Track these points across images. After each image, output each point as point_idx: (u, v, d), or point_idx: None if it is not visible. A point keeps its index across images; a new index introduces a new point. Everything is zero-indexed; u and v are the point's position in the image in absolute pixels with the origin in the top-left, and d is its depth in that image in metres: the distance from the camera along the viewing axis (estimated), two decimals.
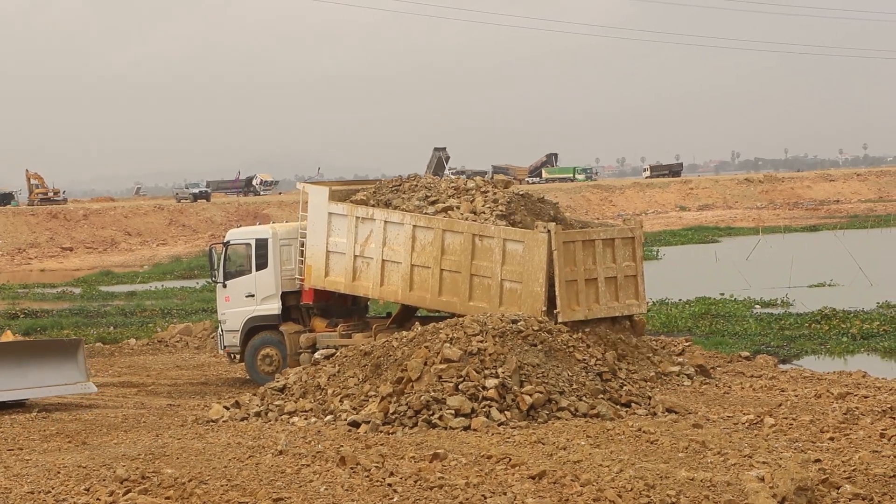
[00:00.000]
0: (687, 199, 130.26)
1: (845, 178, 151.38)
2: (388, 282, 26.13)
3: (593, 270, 24.50)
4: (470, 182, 26.83)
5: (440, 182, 27.16)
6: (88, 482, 15.29)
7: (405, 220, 25.71)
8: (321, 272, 27.01)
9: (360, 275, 26.54)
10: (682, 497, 13.86)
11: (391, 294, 26.29)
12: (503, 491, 14.20)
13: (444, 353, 19.55)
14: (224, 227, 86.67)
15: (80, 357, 24.09)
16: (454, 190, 26.46)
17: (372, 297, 27.51)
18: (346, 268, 26.67)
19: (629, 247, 25.40)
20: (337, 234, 26.80)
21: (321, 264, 26.99)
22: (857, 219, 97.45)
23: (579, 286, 24.23)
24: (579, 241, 24.43)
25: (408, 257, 25.67)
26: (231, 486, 14.61)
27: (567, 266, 23.99)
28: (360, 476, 15.08)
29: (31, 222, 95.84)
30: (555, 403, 19.16)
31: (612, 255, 24.97)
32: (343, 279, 26.77)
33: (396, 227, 25.85)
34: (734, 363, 26.55)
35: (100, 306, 48.14)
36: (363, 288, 26.69)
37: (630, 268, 25.30)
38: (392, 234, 25.93)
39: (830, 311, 34.71)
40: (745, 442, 16.89)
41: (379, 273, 26.16)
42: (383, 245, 26.03)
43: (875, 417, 18.81)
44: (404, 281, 25.79)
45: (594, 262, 24.58)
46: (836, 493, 14.04)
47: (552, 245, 23.78)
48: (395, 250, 25.87)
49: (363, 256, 26.43)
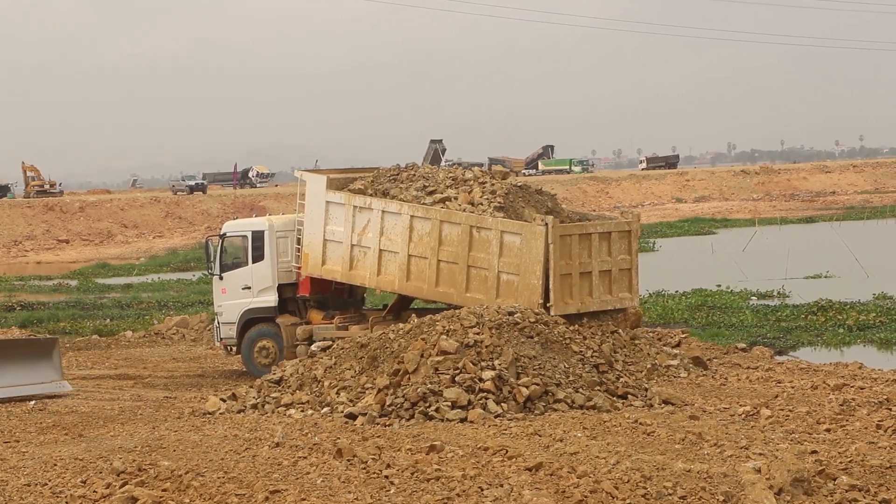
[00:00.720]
0: (683, 191, 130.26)
1: (841, 170, 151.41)
2: (385, 271, 26.10)
3: (588, 264, 24.48)
4: (468, 172, 26.77)
5: (438, 172, 27.11)
6: (85, 474, 15.29)
7: (403, 210, 25.69)
8: (318, 260, 27.00)
9: (356, 264, 26.52)
10: (679, 488, 13.87)
11: (388, 284, 26.26)
12: (500, 483, 14.21)
13: (441, 345, 19.55)
14: (220, 219, 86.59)
15: (56, 356, 24.25)
16: (452, 180, 26.42)
17: (369, 287, 27.47)
18: (343, 257, 26.64)
19: (625, 240, 25.35)
20: (334, 222, 26.77)
21: (318, 252, 26.98)
22: (853, 210, 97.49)
23: (573, 279, 24.20)
24: (576, 235, 24.39)
25: (405, 247, 25.64)
26: (228, 478, 14.61)
27: (563, 259, 23.97)
28: (356, 468, 15.08)
29: (28, 214, 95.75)
30: (551, 395, 19.16)
31: (608, 249, 24.95)
32: (340, 268, 26.75)
33: (394, 216, 25.83)
34: (730, 355, 26.56)
35: (96, 298, 48.14)
36: (360, 277, 26.67)
37: (625, 261, 25.26)
38: (389, 224, 25.90)
39: (827, 303, 34.73)
40: (741, 433, 16.90)
41: (376, 262, 26.14)
42: (381, 235, 26.01)
43: (871, 409, 18.84)
44: (401, 271, 25.77)
45: (590, 255, 24.56)
46: (832, 484, 14.06)
47: (549, 238, 23.76)
48: (392, 240, 25.85)
49: (360, 246, 26.41)
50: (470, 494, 13.80)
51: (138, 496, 13.90)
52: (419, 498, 13.75)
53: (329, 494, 13.95)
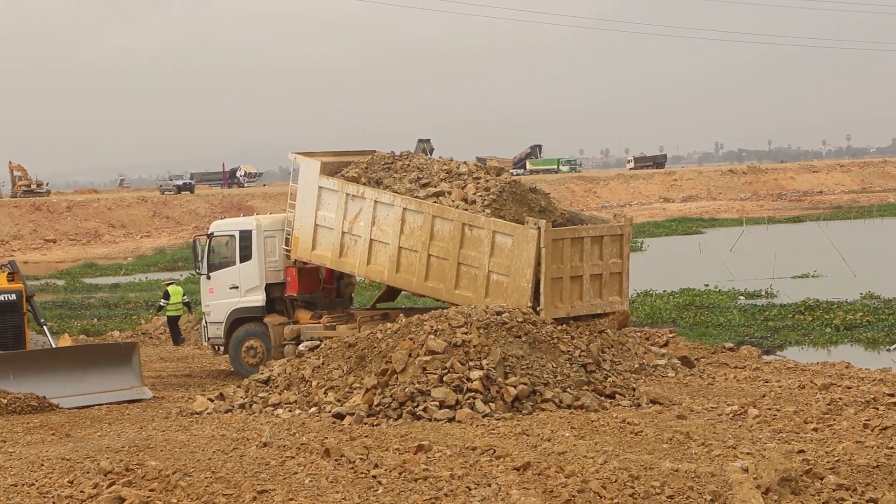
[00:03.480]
0: (671, 191, 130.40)
1: (829, 170, 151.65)
2: (374, 261, 26.04)
3: (580, 268, 24.35)
4: (463, 166, 26.59)
5: (433, 164, 26.91)
6: (72, 475, 15.26)
7: (396, 201, 25.61)
8: (308, 245, 26.95)
9: (346, 251, 26.46)
10: (667, 488, 13.88)
11: (377, 274, 26.19)
12: (488, 482, 14.21)
13: (429, 345, 19.54)
14: (208, 218, 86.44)
15: (136, 361, 23.76)
16: (446, 173, 26.26)
17: (357, 275, 27.36)
18: (333, 243, 26.59)
19: (617, 244, 25.22)
20: (326, 208, 26.69)
21: (308, 237, 26.92)
22: (840, 210, 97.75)
23: (564, 283, 24.10)
24: (568, 239, 24.25)
25: (396, 239, 25.58)
26: (215, 478, 14.59)
27: (554, 263, 23.86)
28: (344, 468, 15.07)
29: (14, 214, 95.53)
30: (539, 395, 19.16)
31: (600, 253, 24.81)
32: (329, 254, 26.69)
33: (386, 207, 25.75)
34: (718, 354, 26.60)
35: (83, 298, 48.07)
36: (349, 265, 26.61)
37: (616, 265, 25.14)
38: (382, 215, 25.83)
39: (814, 302, 34.81)
40: (729, 433, 16.92)
41: (366, 252, 26.08)
42: (372, 224, 25.94)
43: (858, 408, 18.86)
44: (391, 262, 25.71)
45: (581, 259, 24.41)
46: (819, 483, 14.08)
47: (541, 242, 23.67)
48: (384, 231, 25.78)
49: (351, 234, 26.34)
50: (458, 494, 13.80)
51: (126, 496, 13.87)
52: (407, 498, 13.74)
53: (317, 494, 13.94)
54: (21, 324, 24.25)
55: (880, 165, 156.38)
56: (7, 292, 24.11)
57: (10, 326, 24.07)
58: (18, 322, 24.21)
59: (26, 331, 24.39)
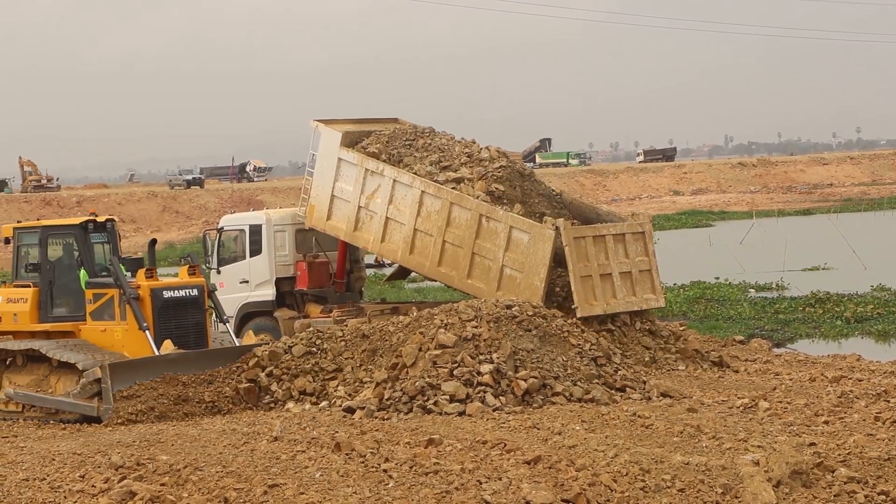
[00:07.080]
0: (681, 184, 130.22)
1: (839, 162, 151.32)
2: (389, 240, 26.01)
3: (606, 266, 24.26)
4: (484, 151, 26.54)
5: (454, 145, 26.85)
6: (83, 469, 15.28)
7: (415, 183, 25.52)
8: (323, 215, 26.94)
9: (361, 226, 26.43)
10: (677, 481, 13.87)
11: (391, 253, 26.17)
12: (498, 476, 14.21)
13: (439, 339, 19.54)
14: (218, 213, 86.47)
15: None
16: (468, 157, 26.21)
17: (371, 251, 27.29)
18: (348, 216, 26.57)
19: (640, 242, 25.09)
20: (344, 180, 26.63)
21: (324, 207, 26.90)
22: (850, 202, 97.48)
23: (594, 281, 23.95)
24: (590, 237, 24.18)
25: (412, 220, 25.52)
26: (226, 472, 14.60)
27: (580, 261, 23.77)
28: (355, 462, 15.08)
29: (25, 209, 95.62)
30: (549, 388, 19.14)
31: (625, 251, 24.73)
32: (344, 226, 26.68)
33: (405, 188, 25.68)
34: (728, 347, 26.56)
35: None
36: (363, 240, 26.58)
37: (643, 262, 24.99)
38: (400, 194, 25.76)
39: (824, 295, 34.76)
40: (739, 426, 16.90)
41: (381, 229, 26.04)
42: (389, 203, 25.89)
43: (869, 400, 18.84)
44: (406, 243, 25.67)
45: (607, 257, 24.36)
46: (830, 476, 14.06)
47: (563, 240, 23.56)
48: (400, 210, 25.73)
49: (368, 209, 26.30)
50: (468, 488, 13.79)
51: (137, 490, 13.89)
52: (417, 491, 13.74)
53: (328, 488, 13.94)
54: (203, 320, 22.69)
55: (890, 158, 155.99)
56: (188, 287, 22.68)
57: (192, 323, 22.42)
58: (201, 319, 22.64)
59: (208, 328, 22.94)
